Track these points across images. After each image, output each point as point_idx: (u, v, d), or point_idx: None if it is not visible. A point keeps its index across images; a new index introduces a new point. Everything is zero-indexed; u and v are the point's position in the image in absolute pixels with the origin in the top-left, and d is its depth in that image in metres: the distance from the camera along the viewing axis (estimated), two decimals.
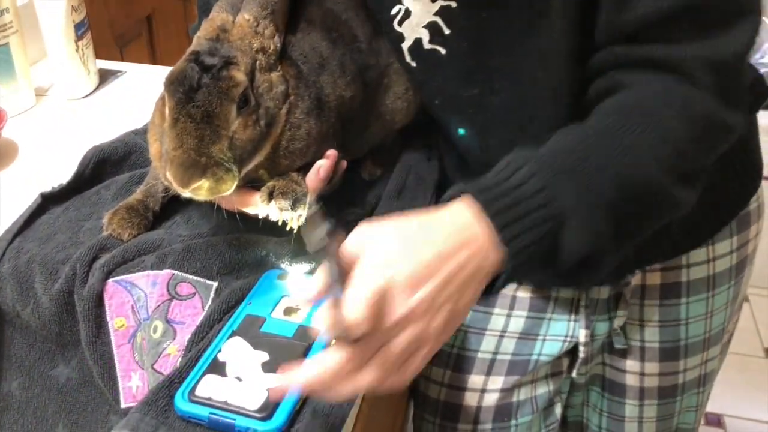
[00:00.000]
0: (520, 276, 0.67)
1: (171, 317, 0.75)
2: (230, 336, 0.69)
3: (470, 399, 0.99)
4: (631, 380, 1.02)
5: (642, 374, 1.01)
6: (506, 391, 0.99)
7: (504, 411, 1.00)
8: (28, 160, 1.02)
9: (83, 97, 1.21)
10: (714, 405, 1.29)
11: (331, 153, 0.81)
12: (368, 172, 0.96)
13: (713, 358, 1.02)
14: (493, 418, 1.00)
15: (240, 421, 0.61)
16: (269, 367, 0.66)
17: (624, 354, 1.01)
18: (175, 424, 0.62)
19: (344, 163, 0.85)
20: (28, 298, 0.79)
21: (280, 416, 0.62)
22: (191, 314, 0.75)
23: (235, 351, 0.67)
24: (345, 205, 0.89)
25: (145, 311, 0.77)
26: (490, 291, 0.64)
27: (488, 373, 0.98)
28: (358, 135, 0.92)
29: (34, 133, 1.10)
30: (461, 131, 0.86)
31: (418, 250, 0.58)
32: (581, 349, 0.99)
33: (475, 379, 0.99)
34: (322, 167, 0.78)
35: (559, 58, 0.75)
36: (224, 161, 0.69)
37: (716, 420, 2.03)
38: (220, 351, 0.67)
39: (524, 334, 0.97)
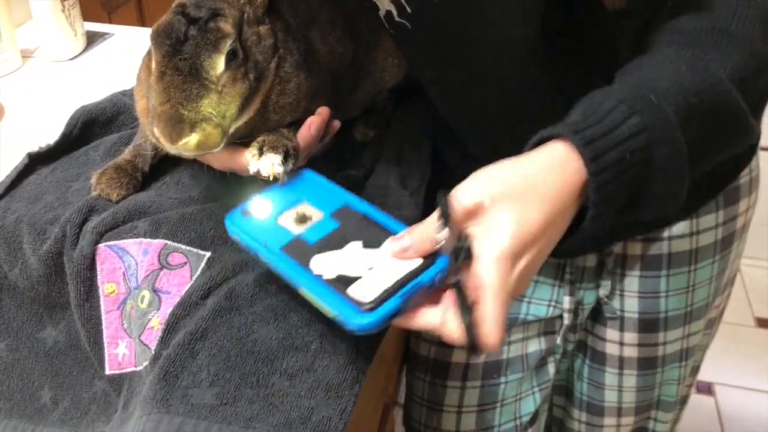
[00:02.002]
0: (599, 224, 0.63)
1: (158, 286, 0.74)
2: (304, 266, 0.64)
3: (458, 356, 0.99)
4: (611, 349, 1.02)
5: (621, 344, 1.01)
6: None
7: (493, 368, 1.00)
8: (15, 121, 1.01)
9: (70, 59, 1.18)
10: (705, 374, 1.29)
11: (323, 109, 0.79)
12: (361, 134, 0.95)
13: (696, 332, 1.01)
14: (482, 375, 1.00)
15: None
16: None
17: (605, 323, 1.01)
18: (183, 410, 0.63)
19: (337, 123, 0.84)
20: (16, 259, 0.78)
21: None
22: (178, 284, 0.74)
23: (330, 263, 0.64)
24: (338, 166, 0.88)
25: (135, 280, 0.75)
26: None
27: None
28: (349, 93, 0.90)
29: (20, 95, 1.08)
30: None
31: (534, 219, 0.59)
32: (565, 315, 0.99)
33: None
34: (313, 123, 0.77)
35: (519, 45, 0.74)
36: (213, 116, 0.68)
37: (707, 388, 2.04)
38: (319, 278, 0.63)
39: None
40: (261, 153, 0.73)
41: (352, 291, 0.60)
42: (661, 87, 0.64)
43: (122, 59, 1.18)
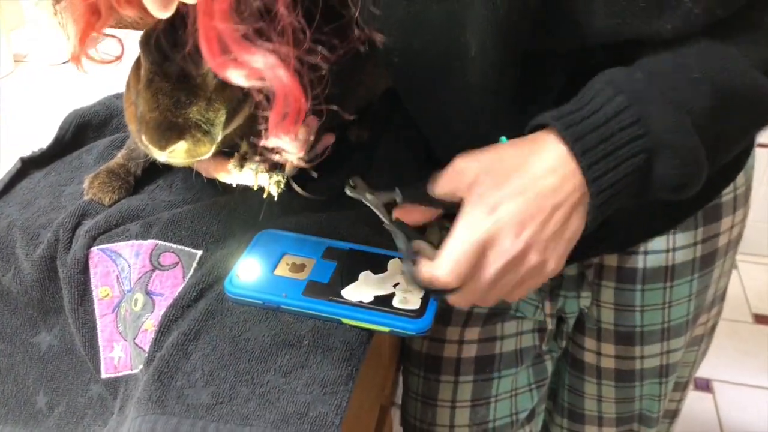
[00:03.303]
0: (607, 212, 0.65)
1: (151, 289, 0.74)
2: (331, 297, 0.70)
3: (450, 351, 0.99)
4: (589, 358, 1.02)
5: (599, 354, 1.01)
6: (485, 343, 0.99)
7: (485, 363, 0.99)
8: (8, 125, 1.00)
9: (63, 63, 1.18)
10: (703, 370, 1.29)
11: (310, 119, 0.79)
12: (355, 135, 0.95)
13: (676, 349, 0.99)
14: (475, 370, 0.99)
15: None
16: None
17: (584, 332, 1.01)
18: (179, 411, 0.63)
19: (330, 137, 0.84)
20: (9, 264, 0.77)
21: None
22: (171, 285, 0.74)
23: (358, 292, 0.70)
24: (333, 168, 0.88)
25: (129, 282, 0.75)
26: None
27: (465, 324, 0.98)
28: (339, 101, 0.90)
29: (13, 99, 1.08)
30: None
31: (520, 190, 0.62)
32: (547, 320, 0.99)
33: (452, 331, 0.98)
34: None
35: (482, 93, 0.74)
36: (202, 123, 0.67)
37: (705, 384, 2.04)
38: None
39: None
40: (243, 164, 0.74)
41: (397, 305, 0.68)
42: (657, 67, 0.65)
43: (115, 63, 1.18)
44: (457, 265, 0.62)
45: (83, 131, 0.93)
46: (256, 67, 0.58)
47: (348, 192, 0.70)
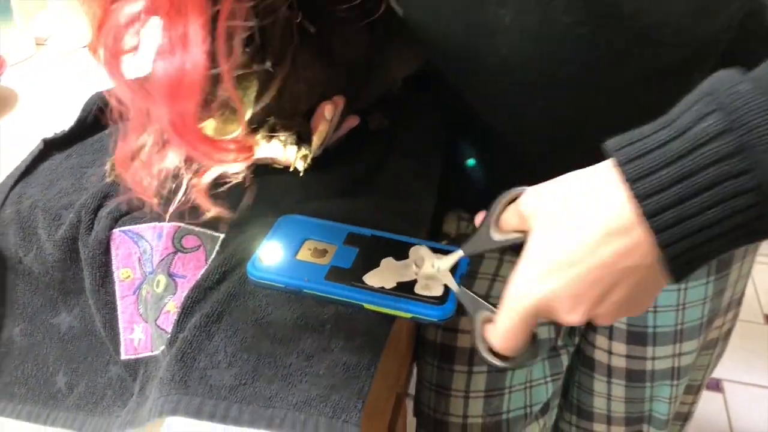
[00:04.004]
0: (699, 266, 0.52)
1: (173, 271, 0.74)
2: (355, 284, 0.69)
3: (464, 341, 0.99)
4: (599, 356, 1.02)
5: (610, 352, 1.01)
6: None
7: None
8: (29, 108, 1.01)
9: (84, 47, 1.18)
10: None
11: (338, 98, 0.79)
12: (375, 123, 0.95)
13: (688, 352, 0.99)
14: None
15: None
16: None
17: (596, 329, 1.01)
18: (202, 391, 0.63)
19: (354, 120, 0.84)
20: (30, 244, 0.78)
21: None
22: (193, 267, 0.74)
23: (380, 278, 0.69)
24: (352, 155, 0.88)
25: (150, 264, 0.75)
26: None
27: (477, 314, 0.97)
28: (362, 84, 0.90)
29: (33, 82, 1.08)
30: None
31: (575, 260, 0.51)
32: None
33: (466, 320, 0.97)
34: (327, 109, 0.76)
35: None
36: (230, 101, 0.67)
37: (715, 384, 2.03)
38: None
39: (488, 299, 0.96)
40: (272, 136, 0.73)
41: (419, 291, 0.67)
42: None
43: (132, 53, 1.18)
44: (508, 341, 0.57)
45: (104, 114, 0.93)
46: None
47: (413, 271, 0.70)
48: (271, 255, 0.72)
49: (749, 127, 0.45)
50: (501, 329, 0.57)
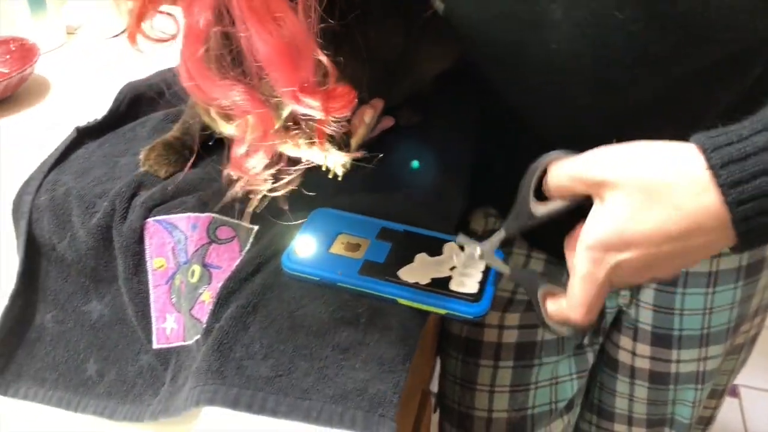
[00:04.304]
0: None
1: (208, 261, 0.74)
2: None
3: (490, 335, 0.99)
4: (623, 357, 1.02)
5: (634, 353, 1.00)
6: (526, 329, 0.98)
7: (526, 349, 0.99)
8: (60, 96, 1.01)
9: (115, 36, 1.19)
10: None
11: (377, 101, 0.79)
12: (406, 119, 0.95)
13: (714, 356, 0.98)
14: (515, 356, 0.99)
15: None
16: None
17: (621, 329, 1.00)
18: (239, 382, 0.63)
19: (389, 120, 0.84)
20: (64, 231, 0.78)
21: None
22: (228, 258, 0.74)
23: (415, 273, 0.70)
24: (384, 151, 0.88)
25: (185, 254, 0.76)
26: None
27: (505, 309, 0.97)
28: (395, 82, 0.90)
29: (65, 70, 1.08)
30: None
31: (660, 240, 0.53)
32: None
33: (492, 315, 0.98)
34: (366, 113, 0.76)
35: None
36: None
37: (732, 390, 2.02)
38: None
39: (544, 276, 0.96)
40: (310, 139, 0.73)
41: (454, 288, 0.68)
42: None
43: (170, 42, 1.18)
44: (588, 310, 0.57)
45: (137, 103, 0.94)
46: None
47: (448, 267, 0.70)
48: (305, 248, 0.72)
49: None
50: (579, 299, 0.57)
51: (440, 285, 0.68)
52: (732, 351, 1.01)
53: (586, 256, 0.56)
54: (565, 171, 0.57)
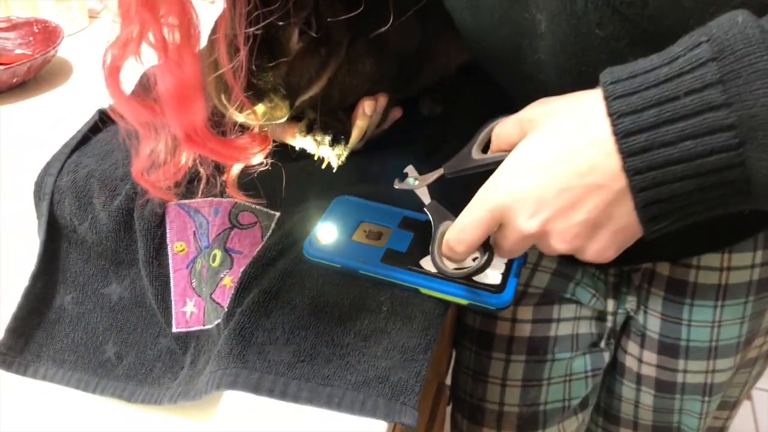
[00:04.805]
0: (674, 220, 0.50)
1: (230, 246, 0.74)
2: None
3: (502, 328, 0.98)
4: (630, 362, 1.01)
5: (640, 360, 0.99)
6: (539, 324, 0.98)
7: (539, 344, 0.98)
8: (83, 78, 1.01)
9: None
10: None
11: (381, 95, 0.79)
12: (428, 109, 0.94)
13: (723, 369, 0.97)
14: (528, 350, 0.99)
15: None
16: None
17: (629, 335, 1.00)
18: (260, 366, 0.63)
19: (397, 112, 0.83)
20: (86, 213, 0.78)
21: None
22: (249, 244, 0.74)
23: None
24: (405, 141, 0.87)
25: (206, 239, 0.75)
26: None
27: (518, 302, 0.97)
28: (412, 77, 0.90)
29: (87, 53, 1.08)
30: None
31: (549, 161, 0.52)
32: (608, 317, 0.98)
33: None
34: (367, 105, 0.76)
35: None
36: (282, 87, 0.67)
37: None
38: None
39: (558, 270, 0.96)
40: (310, 130, 0.73)
41: (477, 278, 0.67)
42: None
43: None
44: (463, 233, 0.57)
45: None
46: None
47: (395, 185, 0.70)
48: (327, 235, 0.72)
49: (736, 56, 0.43)
50: (460, 222, 0.57)
51: (462, 277, 0.68)
52: (744, 365, 1.00)
53: (487, 181, 0.56)
54: (508, 120, 0.59)
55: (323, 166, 0.77)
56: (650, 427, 1.05)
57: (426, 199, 0.68)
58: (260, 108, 0.67)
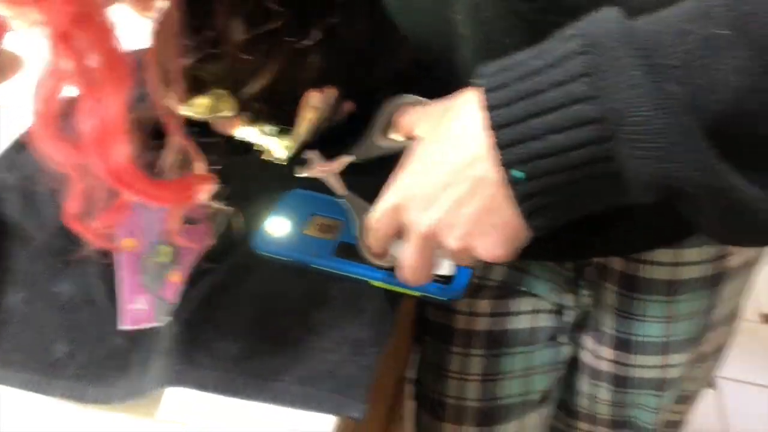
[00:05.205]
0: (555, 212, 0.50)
1: (178, 242, 0.73)
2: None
3: (460, 322, 0.97)
4: (586, 357, 1.01)
5: (596, 355, 0.99)
6: (497, 317, 0.97)
7: (497, 338, 0.98)
8: (31, 72, 0.99)
9: None
10: None
11: (330, 89, 0.78)
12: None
13: (677, 365, 0.97)
14: (486, 345, 0.98)
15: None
16: None
17: (585, 330, 0.99)
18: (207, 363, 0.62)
19: (349, 105, 0.83)
20: (32, 210, 0.77)
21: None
22: (199, 239, 0.73)
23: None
24: (361, 133, 0.87)
25: (155, 234, 0.74)
26: None
27: (475, 295, 0.96)
28: (368, 70, 0.89)
29: (36, 46, 1.06)
30: None
31: (436, 160, 0.54)
32: (567, 313, 0.98)
33: (462, 301, 0.95)
34: (314, 97, 0.75)
35: None
36: (225, 80, 0.66)
37: (712, 382, 2.03)
38: None
39: (515, 263, 0.95)
40: (254, 122, 0.73)
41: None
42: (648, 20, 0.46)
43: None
44: (374, 230, 0.60)
45: None
46: None
47: (297, 173, 0.71)
48: (278, 229, 0.71)
49: (602, 50, 0.43)
50: (371, 219, 0.60)
51: (387, 267, 0.67)
52: (698, 359, 1.00)
53: (387, 186, 0.58)
54: (408, 115, 0.62)
55: (271, 159, 0.76)
56: (608, 421, 1.05)
57: (340, 189, 0.69)
58: (204, 101, 0.66)
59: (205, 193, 0.64)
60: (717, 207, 0.46)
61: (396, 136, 0.66)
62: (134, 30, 0.65)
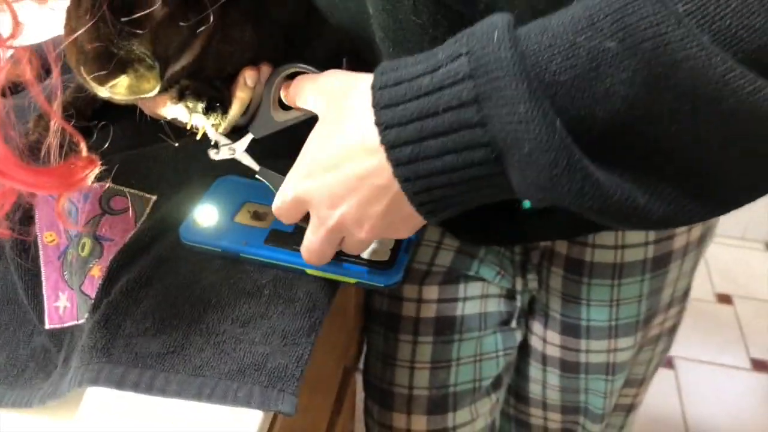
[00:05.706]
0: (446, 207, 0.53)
1: (100, 233, 0.69)
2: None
3: (408, 309, 0.95)
4: (535, 342, 1.00)
5: (544, 341, 0.98)
6: (445, 303, 0.95)
7: (446, 324, 0.95)
8: None
9: None
10: None
11: (265, 65, 0.75)
12: None
13: (624, 348, 0.96)
14: (434, 331, 0.96)
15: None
16: None
17: (534, 315, 0.98)
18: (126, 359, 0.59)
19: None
20: None
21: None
22: (121, 230, 0.69)
23: None
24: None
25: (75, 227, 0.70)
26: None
27: (422, 282, 0.94)
28: (305, 45, 0.85)
29: None
30: None
31: (334, 162, 0.55)
32: (517, 297, 0.96)
33: (410, 288, 0.94)
34: (248, 75, 0.72)
35: None
36: (147, 57, 0.62)
37: (667, 361, 2.04)
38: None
39: (462, 248, 0.93)
40: (181, 98, 0.68)
41: (365, 256, 0.65)
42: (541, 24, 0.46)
43: None
44: (282, 218, 0.61)
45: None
46: None
47: (212, 156, 0.68)
48: (207, 217, 0.67)
49: (490, 77, 0.44)
50: (274, 207, 0.61)
51: (349, 256, 0.64)
52: (646, 343, 0.99)
53: (288, 174, 0.60)
54: (299, 87, 0.62)
55: (198, 137, 0.72)
56: (559, 407, 1.03)
57: (253, 165, 0.67)
58: (124, 80, 0.61)
59: (91, 177, 0.60)
60: (600, 216, 0.48)
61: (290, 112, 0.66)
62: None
